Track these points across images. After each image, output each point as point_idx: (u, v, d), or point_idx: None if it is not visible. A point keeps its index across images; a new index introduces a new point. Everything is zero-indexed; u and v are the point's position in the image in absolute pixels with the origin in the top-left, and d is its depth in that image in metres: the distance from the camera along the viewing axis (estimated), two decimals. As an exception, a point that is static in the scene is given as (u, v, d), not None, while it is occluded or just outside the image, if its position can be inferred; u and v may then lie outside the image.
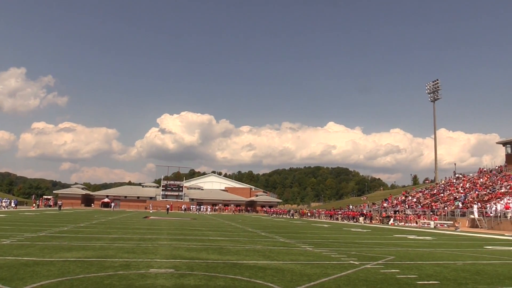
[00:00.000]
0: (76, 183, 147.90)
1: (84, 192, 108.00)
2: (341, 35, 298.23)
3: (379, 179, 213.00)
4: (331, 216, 62.79)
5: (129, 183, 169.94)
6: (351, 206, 72.70)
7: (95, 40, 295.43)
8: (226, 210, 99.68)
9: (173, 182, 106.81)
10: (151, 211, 76.79)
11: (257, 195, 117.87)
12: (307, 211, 78.25)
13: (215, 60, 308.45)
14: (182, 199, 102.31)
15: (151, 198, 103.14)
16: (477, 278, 9.30)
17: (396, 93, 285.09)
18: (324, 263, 11.19)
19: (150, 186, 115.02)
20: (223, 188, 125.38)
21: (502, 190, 46.35)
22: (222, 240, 18.26)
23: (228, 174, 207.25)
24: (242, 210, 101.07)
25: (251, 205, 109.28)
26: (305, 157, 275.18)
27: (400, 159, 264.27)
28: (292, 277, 8.71)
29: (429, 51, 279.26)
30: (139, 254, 11.88)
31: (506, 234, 29.39)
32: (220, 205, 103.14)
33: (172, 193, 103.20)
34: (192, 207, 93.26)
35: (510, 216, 35.93)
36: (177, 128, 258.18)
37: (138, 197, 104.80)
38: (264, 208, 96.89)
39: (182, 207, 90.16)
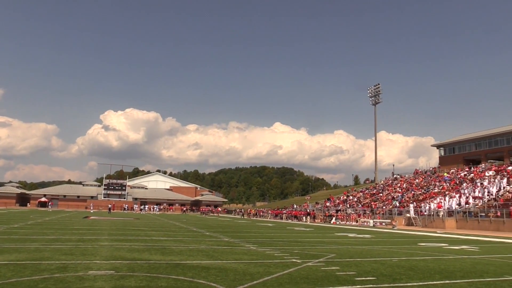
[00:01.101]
0: (10, 181, 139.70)
1: (19, 191, 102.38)
2: (287, 40, 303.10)
3: (322, 179, 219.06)
4: (276, 215, 63.67)
5: (69, 182, 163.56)
6: (295, 206, 74.05)
7: (36, 32, 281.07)
8: (171, 210, 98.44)
9: (115, 181, 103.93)
10: (92, 211, 74.31)
11: (202, 195, 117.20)
12: (255, 211, 79.00)
13: (161, 57, 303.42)
14: (125, 198, 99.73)
15: (92, 197, 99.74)
16: (410, 273, 9.80)
17: (340, 96, 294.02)
18: (267, 262, 11.33)
19: (91, 185, 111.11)
20: (168, 188, 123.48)
21: (436, 190, 49.07)
22: (165, 240, 17.99)
23: (173, 173, 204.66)
24: (187, 210, 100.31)
25: (196, 205, 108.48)
26: (252, 157, 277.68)
27: (343, 160, 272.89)
28: (235, 276, 8.75)
29: (372, 56, 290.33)
30: (78, 256, 11.45)
31: (438, 232, 31.17)
32: (164, 204, 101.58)
33: (115, 192, 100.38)
34: (135, 207, 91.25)
35: (442, 215, 38.13)
36: (121, 125, 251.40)
37: (78, 197, 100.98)
38: (209, 208, 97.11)
39: (124, 207, 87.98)
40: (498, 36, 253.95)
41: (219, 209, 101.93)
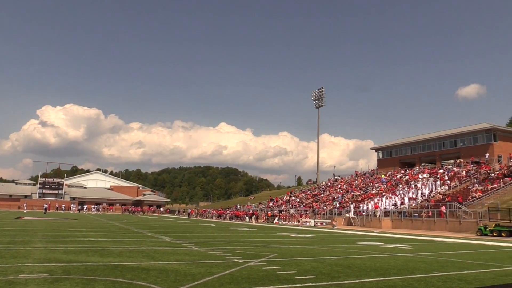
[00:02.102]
0: None
1: None
2: (234, 41, 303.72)
3: (266, 179, 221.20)
4: (219, 216, 63.62)
5: (1, 180, 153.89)
6: (238, 206, 74.32)
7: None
8: (111, 210, 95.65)
9: (52, 179, 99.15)
10: (25, 211, 70.61)
11: (144, 194, 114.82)
12: (199, 211, 78.63)
13: (105, 52, 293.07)
14: (62, 198, 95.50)
15: (26, 196, 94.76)
16: (348, 271, 10.16)
17: (285, 98, 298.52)
18: (209, 262, 11.30)
19: (25, 184, 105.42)
20: (109, 187, 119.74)
21: (374, 191, 51.14)
22: (104, 241, 17.45)
23: (114, 172, 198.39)
24: (129, 210, 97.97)
25: (138, 205, 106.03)
26: (196, 157, 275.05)
27: (287, 161, 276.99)
28: (176, 277, 8.66)
29: (316, 60, 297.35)
30: (8, 259, 10.84)
31: (374, 231, 32.52)
32: (104, 204, 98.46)
33: (51, 192, 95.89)
34: (73, 206, 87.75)
35: (379, 215, 39.82)
36: (60, 122, 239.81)
37: (10, 196, 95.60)
38: (151, 208, 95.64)
39: (61, 207, 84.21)
40: (436, 43, 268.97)
41: (154, 208, 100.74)
